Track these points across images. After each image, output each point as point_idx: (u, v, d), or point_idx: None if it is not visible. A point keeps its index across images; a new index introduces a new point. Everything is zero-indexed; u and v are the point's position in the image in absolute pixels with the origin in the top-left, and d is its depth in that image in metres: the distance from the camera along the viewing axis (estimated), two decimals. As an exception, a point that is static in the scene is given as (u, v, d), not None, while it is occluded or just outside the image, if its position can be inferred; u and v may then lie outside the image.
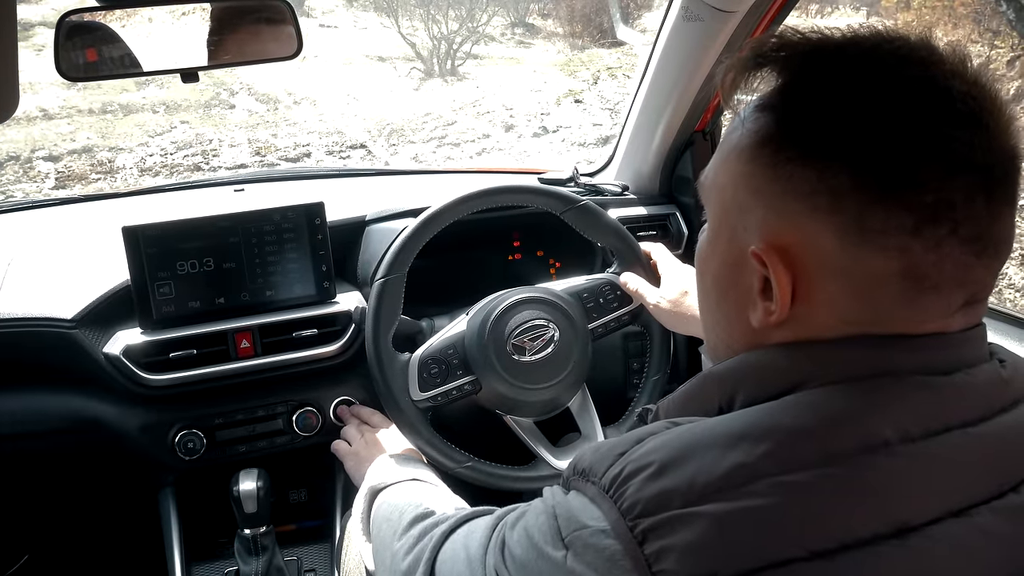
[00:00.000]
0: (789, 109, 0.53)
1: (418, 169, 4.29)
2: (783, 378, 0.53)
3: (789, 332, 0.55)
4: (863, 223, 0.49)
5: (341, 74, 8.98)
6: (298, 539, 1.33)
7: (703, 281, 0.63)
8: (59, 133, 7.23)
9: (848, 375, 0.51)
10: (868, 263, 0.50)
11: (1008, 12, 6.58)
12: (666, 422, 0.55)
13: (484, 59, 9.70)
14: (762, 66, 0.54)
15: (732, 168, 0.56)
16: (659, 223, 1.54)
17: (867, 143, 0.49)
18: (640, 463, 0.50)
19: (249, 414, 1.29)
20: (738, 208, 0.56)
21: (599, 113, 7.76)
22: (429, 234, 1.19)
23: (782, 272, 0.52)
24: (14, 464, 1.31)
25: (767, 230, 0.53)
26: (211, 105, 8.06)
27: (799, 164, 0.51)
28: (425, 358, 1.16)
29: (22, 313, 1.23)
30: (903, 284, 0.50)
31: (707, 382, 0.58)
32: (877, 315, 0.52)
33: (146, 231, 1.22)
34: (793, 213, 0.52)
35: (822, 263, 0.51)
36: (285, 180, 1.70)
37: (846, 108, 0.50)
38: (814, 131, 0.51)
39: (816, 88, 0.51)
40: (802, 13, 8.98)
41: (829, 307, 0.52)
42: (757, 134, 0.54)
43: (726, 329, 0.61)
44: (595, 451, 0.55)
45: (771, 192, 0.53)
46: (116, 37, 1.05)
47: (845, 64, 0.51)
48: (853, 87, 0.50)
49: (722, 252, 0.59)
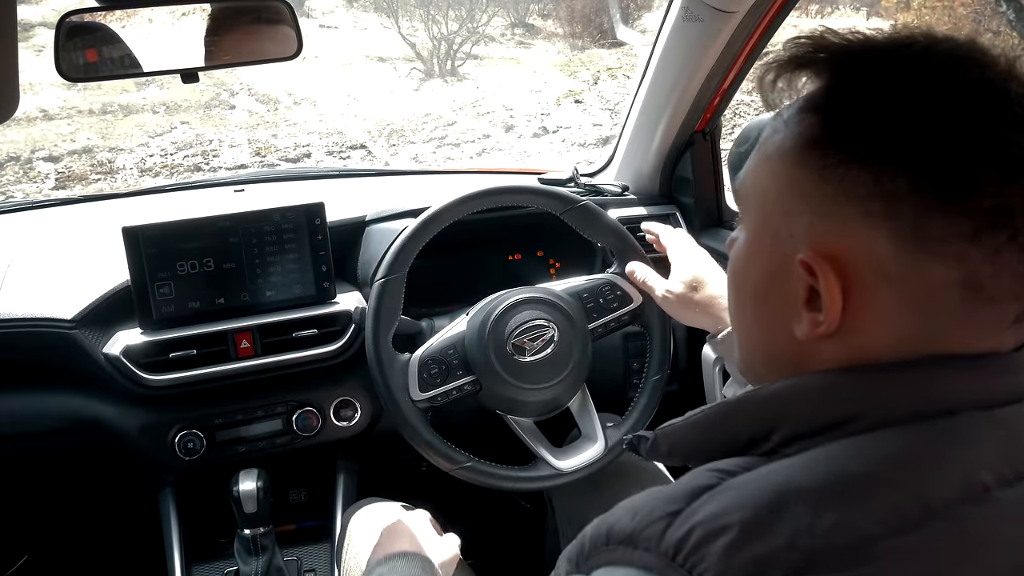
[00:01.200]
0: (839, 110, 0.50)
1: (418, 169, 4.29)
2: (838, 408, 0.49)
3: (840, 347, 0.51)
4: (920, 229, 0.47)
5: (341, 74, 8.98)
6: (298, 539, 1.33)
7: (739, 291, 0.59)
8: (59, 134, 7.24)
9: (918, 409, 0.48)
10: (925, 271, 0.48)
11: (1008, 12, 6.58)
12: (710, 471, 0.50)
13: (484, 59, 9.70)
14: (804, 67, 0.52)
15: (775, 171, 0.53)
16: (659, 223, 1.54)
17: (925, 146, 0.47)
18: (713, 525, 0.44)
19: (249, 414, 1.29)
20: (782, 213, 0.53)
21: (599, 113, 7.76)
22: (429, 234, 1.19)
23: (833, 280, 0.49)
24: (14, 464, 1.31)
25: (815, 236, 0.50)
26: (211, 105, 8.06)
27: (851, 167, 0.49)
28: (425, 358, 1.16)
29: (22, 313, 1.23)
30: (961, 294, 0.48)
31: (735, 411, 0.54)
32: (932, 329, 0.49)
33: (146, 231, 1.22)
34: (844, 218, 0.49)
35: (876, 270, 0.49)
36: (285, 180, 1.70)
37: (903, 110, 0.48)
38: (868, 133, 0.48)
39: (869, 89, 0.49)
40: (802, 13, 8.99)
41: (882, 318, 0.49)
42: (803, 136, 0.51)
43: (766, 342, 0.57)
44: (631, 513, 0.49)
45: (820, 196, 0.50)
46: (116, 37, 1.05)
47: (900, 65, 0.49)
48: (909, 89, 0.48)
49: (763, 260, 0.55)
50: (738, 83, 1.42)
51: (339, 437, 1.32)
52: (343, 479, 1.36)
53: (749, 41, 1.31)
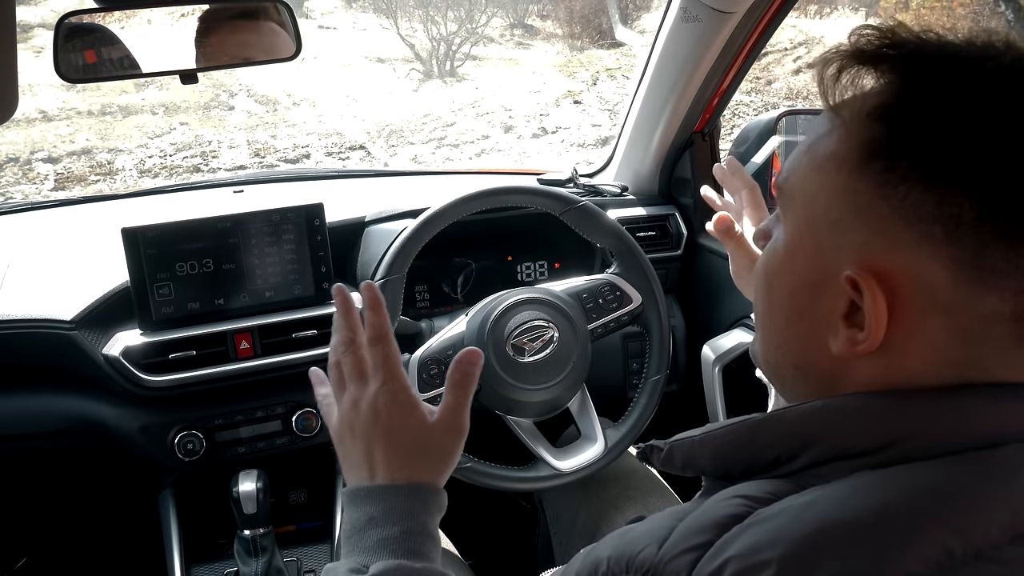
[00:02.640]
0: (910, 120, 0.46)
1: (417, 170, 4.29)
2: (876, 433, 0.47)
3: (878, 367, 0.49)
4: (981, 258, 0.44)
5: (340, 75, 8.98)
6: (297, 540, 1.33)
7: (772, 294, 0.56)
8: (58, 135, 7.24)
9: (960, 440, 0.46)
10: (978, 302, 0.45)
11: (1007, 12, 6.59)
12: (736, 499, 0.48)
13: (483, 60, 9.70)
14: (873, 63, 0.48)
15: (829, 178, 0.49)
16: (658, 223, 1.55)
17: (1001, 172, 0.44)
18: (750, 560, 0.42)
19: (249, 415, 1.29)
20: (830, 224, 0.49)
21: (598, 114, 7.77)
22: (428, 235, 1.19)
23: (881, 300, 0.46)
24: (13, 465, 1.31)
25: (866, 253, 0.47)
26: (210, 106, 8.07)
27: (916, 185, 0.45)
28: (425, 359, 1.16)
29: (22, 314, 1.23)
30: (1013, 328, 0.46)
31: (761, 429, 0.51)
32: (976, 358, 0.47)
33: (145, 232, 1.22)
34: (900, 239, 0.46)
35: (928, 295, 0.46)
36: (284, 181, 1.70)
37: (981, 129, 0.44)
38: (940, 150, 0.45)
39: (945, 100, 0.45)
40: (801, 14, 8.99)
41: (926, 343, 0.47)
42: (867, 145, 0.47)
43: (797, 351, 0.54)
44: (656, 541, 0.47)
45: (877, 212, 0.47)
46: (115, 39, 1.05)
47: (983, 77, 0.45)
48: (991, 106, 0.45)
49: (803, 269, 0.52)
50: (737, 83, 1.42)
51: (339, 438, 1.32)
52: (343, 480, 1.36)
53: (748, 42, 1.32)
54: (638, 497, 1.21)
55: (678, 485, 1.29)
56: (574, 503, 1.25)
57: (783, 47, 8.63)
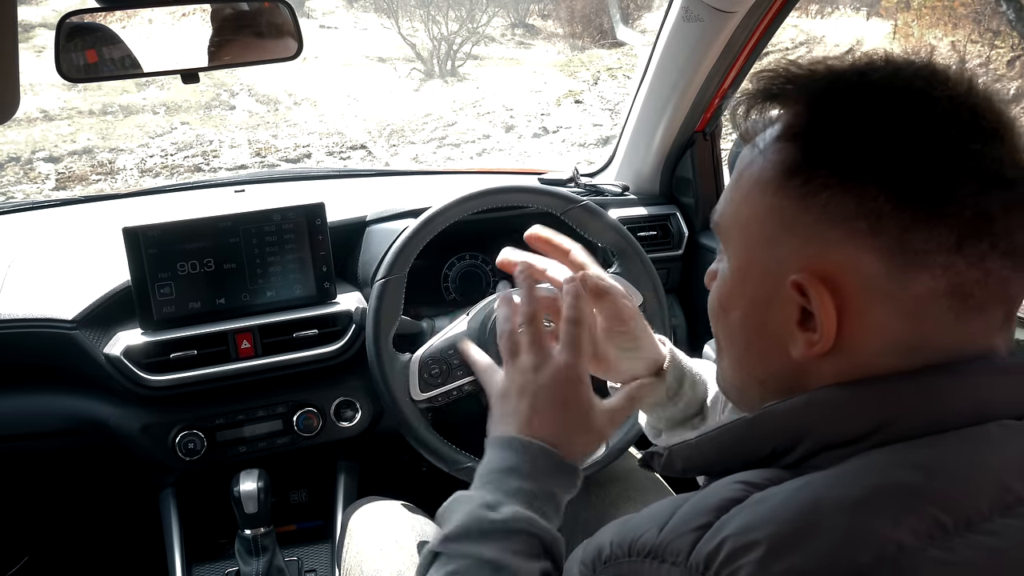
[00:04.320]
0: (816, 136, 0.51)
1: (418, 170, 4.29)
2: (862, 420, 0.50)
3: (839, 363, 0.52)
4: (905, 243, 0.49)
5: (341, 75, 8.98)
6: (298, 539, 1.34)
7: (726, 321, 0.60)
8: (59, 134, 7.24)
9: (942, 420, 0.49)
10: (914, 283, 0.49)
11: (1008, 12, 6.58)
12: (736, 484, 0.50)
13: (484, 60, 9.70)
14: (775, 98, 0.54)
15: (756, 202, 0.54)
16: (659, 223, 1.55)
17: (903, 163, 0.49)
18: (743, 539, 0.45)
19: (250, 415, 1.29)
20: (767, 243, 0.54)
21: (599, 113, 7.77)
22: (430, 234, 1.19)
23: (827, 299, 0.50)
24: (15, 465, 1.32)
25: (804, 259, 0.52)
26: (211, 106, 8.07)
27: (834, 190, 0.50)
28: (426, 358, 1.16)
29: (23, 314, 1.23)
30: (950, 302, 0.50)
31: (754, 427, 0.54)
32: (925, 338, 0.51)
33: (147, 232, 1.22)
34: (830, 240, 0.50)
35: (867, 286, 0.50)
36: (285, 181, 1.70)
37: (878, 131, 0.49)
38: (847, 156, 0.50)
39: (843, 114, 0.51)
40: (802, 13, 8.98)
41: (877, 332, 0.51)
42: (782, 164, 0.52)
43: (760, 366, 0.58)
44: (657, 525, 0.49)
45: (804, 222, 0.51)
46: (116, 38, 1.05)
47: (870, 90, 0.51)
48: (882, 111, 0.50)
49: (752, 290, 0.56)
50: (738, 83, 1.42)
51: (340, 437, 1.32)
52: (344, 479, 1.36)
53: (749, 41, 1.31)
54: (638, 497, 1.21)
55: (677, 486, 1.29)
56: (574, 502, 1.25)
57: (784, 47, 8.62)
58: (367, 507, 1.19)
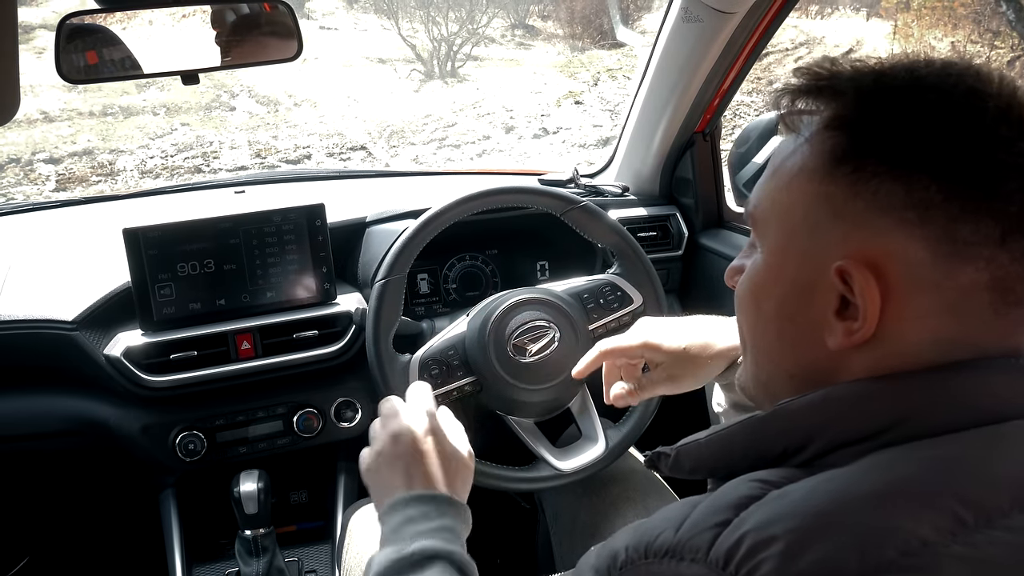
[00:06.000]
0: (867, 126, 0.52)
1: (418, 171, 4.29)
2: (879, 416, 0.50)
3: (872, 356, 0.52)
4: (952, 233, 0.49)
5: (341, 76, 8.99)
6: (299, 540, 1.34)
7: (758, 310, 0.59)
8: (60, 135, 7.24)
9: (961, 416, 0.50)
10: (958, 274, 0.50)
11: (1008, 12, 6.59)
12: (751, 482, 0.50)
13: (484, 61, 9.70)
14: (820, 91, 0.54)
15: (801, 189, 0.54)
16: (659, 224, 1.55)
17: (957, 156, 0.49)
18: (764, 534, 0.45)
19: (250, 415, 1.29)
20: (809, 230, 0.54)
21: (599, 114, 7.77)
22: (430, 235, 1.19)
23: (872, 284, 0.50)
24: (15, 465, 1.32)
25: (851, 245, 0.52)
26: (211, 107, 8.07)
27: (884, 179, 0.50)
28: (426, 359, 1.16)
29: (23, 315, 1.23)
30: (991, 297, 0.50)
31: (765, 425, 0.54)
32: (963, 332, 0.51)
33: (147, 233, 1.22)
34: (879, 228, 0.51)
35: (912, 274, 0.50)
36: (286, 182, 1.70)
37: (933, 124, 0.50)
38: (899, 146, 0.50)
39: (895, 106, 0.51)
40: (802, 14, 8.99)
41: (917, 323, 0.51)
42: (831, 153, 0.53)
43: (791, 358, 0.57)
44: (673, 525, 0.50)
45: (854, 209, 0.52)
46: (117, 39, 1.05)
47: (922, 84, 0.52)
48: (936, 105, 0.51)
49: (790, 277, 0.56)
50: (738, 84, 1.42)
51: (340, 438, 1.32)
52: (344, 480, 1.36)
53: (749, 42, 1.32)
54: (638, 498, 1.21)
55: (678, 487, 1.29)
56: (574, 503, 1.25)
57: (784, 47, 8.63)
58: (367, 508, 1.19)
